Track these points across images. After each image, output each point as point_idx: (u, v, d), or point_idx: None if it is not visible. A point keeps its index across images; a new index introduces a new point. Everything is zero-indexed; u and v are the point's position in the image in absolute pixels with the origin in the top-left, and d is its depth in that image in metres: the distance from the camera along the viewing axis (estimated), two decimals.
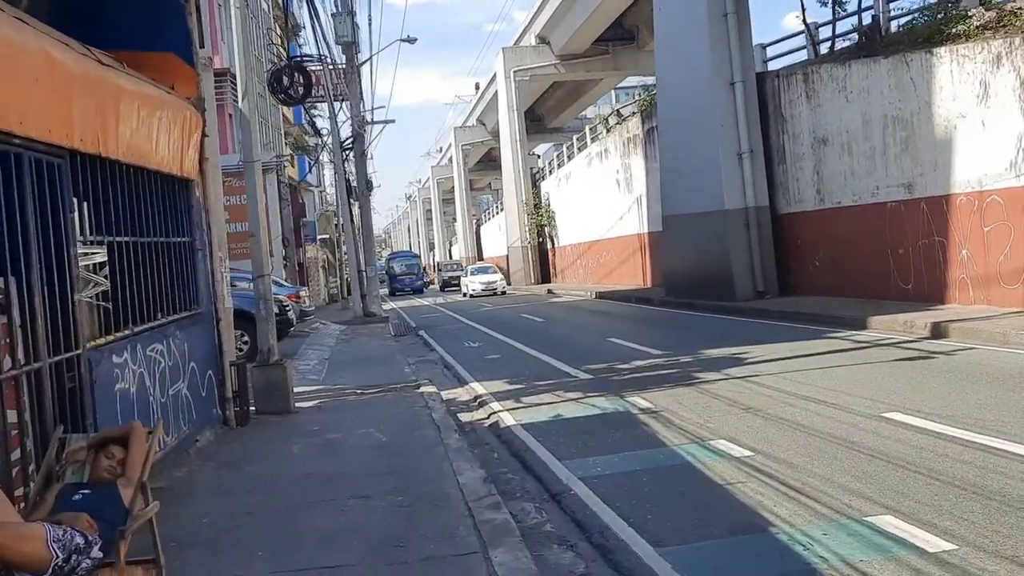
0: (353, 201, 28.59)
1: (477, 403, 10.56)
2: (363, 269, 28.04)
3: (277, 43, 30.79)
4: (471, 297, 39.36)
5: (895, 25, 17.76)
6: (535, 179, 47.70)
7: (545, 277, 46.38)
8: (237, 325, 11.61)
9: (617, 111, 35.25)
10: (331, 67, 24.85)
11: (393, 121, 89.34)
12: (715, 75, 20.43)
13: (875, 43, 17.24)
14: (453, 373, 13.65)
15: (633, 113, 31.84)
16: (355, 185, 27.92)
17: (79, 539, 3.82)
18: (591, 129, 37.75)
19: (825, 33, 21.10)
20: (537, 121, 55.09)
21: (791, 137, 19.81)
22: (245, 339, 14.27)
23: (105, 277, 6.28)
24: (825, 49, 20.58)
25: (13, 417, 4.83)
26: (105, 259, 6.35)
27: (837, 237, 18.27)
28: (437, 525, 5.29)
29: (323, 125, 35.75)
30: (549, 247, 45.75)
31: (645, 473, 6.53)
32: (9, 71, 4.95)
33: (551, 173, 44.87)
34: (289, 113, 38.32)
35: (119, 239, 6.71)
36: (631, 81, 53.55)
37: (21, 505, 4.35)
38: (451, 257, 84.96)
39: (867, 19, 18.46)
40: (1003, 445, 6.28)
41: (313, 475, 6.89)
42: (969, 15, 14.68)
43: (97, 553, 3.81)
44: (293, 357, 15.29)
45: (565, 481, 6.53)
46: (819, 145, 18.71)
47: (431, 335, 20.78)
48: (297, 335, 19.91)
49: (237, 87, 10.84)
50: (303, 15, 34.48)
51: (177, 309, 8.01)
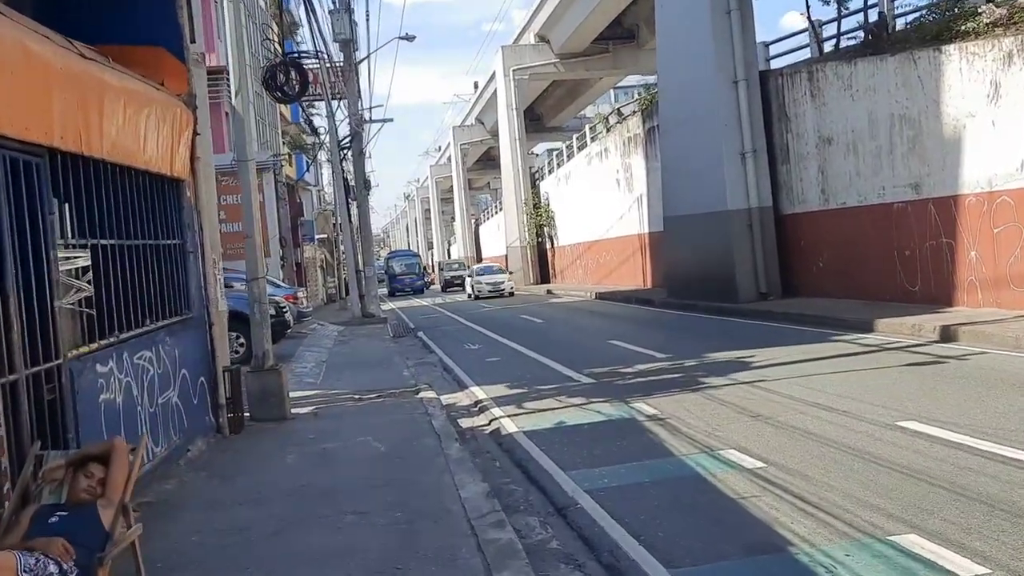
0: (351, 200, 28.34)
1: (478, 408, 10.32)
2: (361, 269, 27.83)
3: (274, 39, 30.49)
4: (476, 298, 38.81)
5: (901, 23, 17.53)
6: (534, 178, 47.46)
7: (544, 277, 46.15)
8: (233, 327, 11.39)
9: (618, 110, 35.02)
10: (328, 64, 24.57)
11: (391, 120, 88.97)
12: (718, 73, 20.13)
13: (881, 41, 16.97)
14: (453, 376, 13.43)
15: (634, 112, 31.61)
16: (353, 184, 27.71)
17: (52, 567, 3.62)
18: (591, 128, 37.51)
19: (829, 31, 20.87)
20: (536, 120, 54.87)
21: (795, 136, 19.54)
22: (241, 341, 14.03)
23: (89, 282, 5.96)
24: (829, 47, 20.33)
25: None
26: (89, 263, 6.03)
27: (842, 238, 18.00)
28: (438, 545, 5.04)
29: (321, 124, 35.57)
30: (548, 247, 45.48)
31: (653, 485, 6.30)
32: None
33: (550, 172, 44.63)
34: (287, 112, 38.11)
35: (104, 242, 6.42)
36: (631, 80, 53.42)
37: None
38: (449, 256, 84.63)
39: (872, 16, 18.23)
40: None
41: (308, 487, 6.63)
42: (979, 12, 14.43)
43: None
44: (290, 359, 15.08)
45: (571, 494, 6.29)
46: (824, 144, 18.44)
47: (430, 336, 20.56)
48: (294, 336, 19.68)
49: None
50: (300, 12, 34.22)
51: (167, 314, 7.73)
